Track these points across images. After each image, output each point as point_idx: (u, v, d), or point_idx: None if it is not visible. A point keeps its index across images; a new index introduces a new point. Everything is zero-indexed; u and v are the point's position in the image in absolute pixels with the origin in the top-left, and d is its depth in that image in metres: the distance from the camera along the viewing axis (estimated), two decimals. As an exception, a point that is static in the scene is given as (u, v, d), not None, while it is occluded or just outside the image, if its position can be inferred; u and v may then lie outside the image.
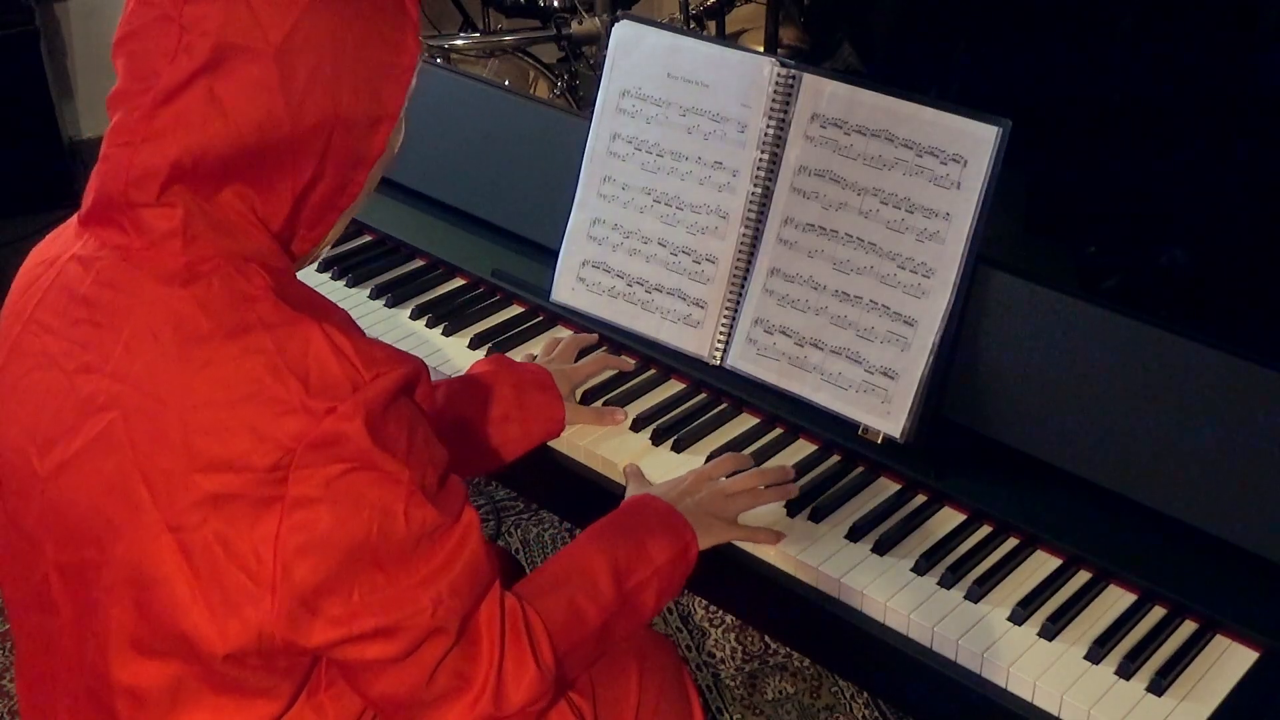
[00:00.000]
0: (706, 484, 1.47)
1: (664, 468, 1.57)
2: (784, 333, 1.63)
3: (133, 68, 1.08)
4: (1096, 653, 1.32)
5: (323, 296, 1.17)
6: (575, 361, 1.71)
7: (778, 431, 1.64)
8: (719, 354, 1.69)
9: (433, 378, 1.62)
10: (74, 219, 1.17)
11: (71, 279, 1.12)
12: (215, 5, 1.05)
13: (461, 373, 1.64)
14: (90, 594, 1.13)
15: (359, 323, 1.80)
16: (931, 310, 1.53)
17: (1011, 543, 1.47)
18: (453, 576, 1.11)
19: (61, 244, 1.17)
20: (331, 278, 1.95)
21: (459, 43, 3.50)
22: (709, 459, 1.58)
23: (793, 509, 1.50)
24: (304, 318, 1.08)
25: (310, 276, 1.96)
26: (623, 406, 1.67)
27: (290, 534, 1.05)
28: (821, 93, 1.60)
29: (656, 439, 1.62)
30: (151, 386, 1.06)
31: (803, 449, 1.61)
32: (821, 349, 1.61)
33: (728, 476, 1.50)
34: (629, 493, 1.51)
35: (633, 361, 1.74)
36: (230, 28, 1.04)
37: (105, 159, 1.10)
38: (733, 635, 2.44)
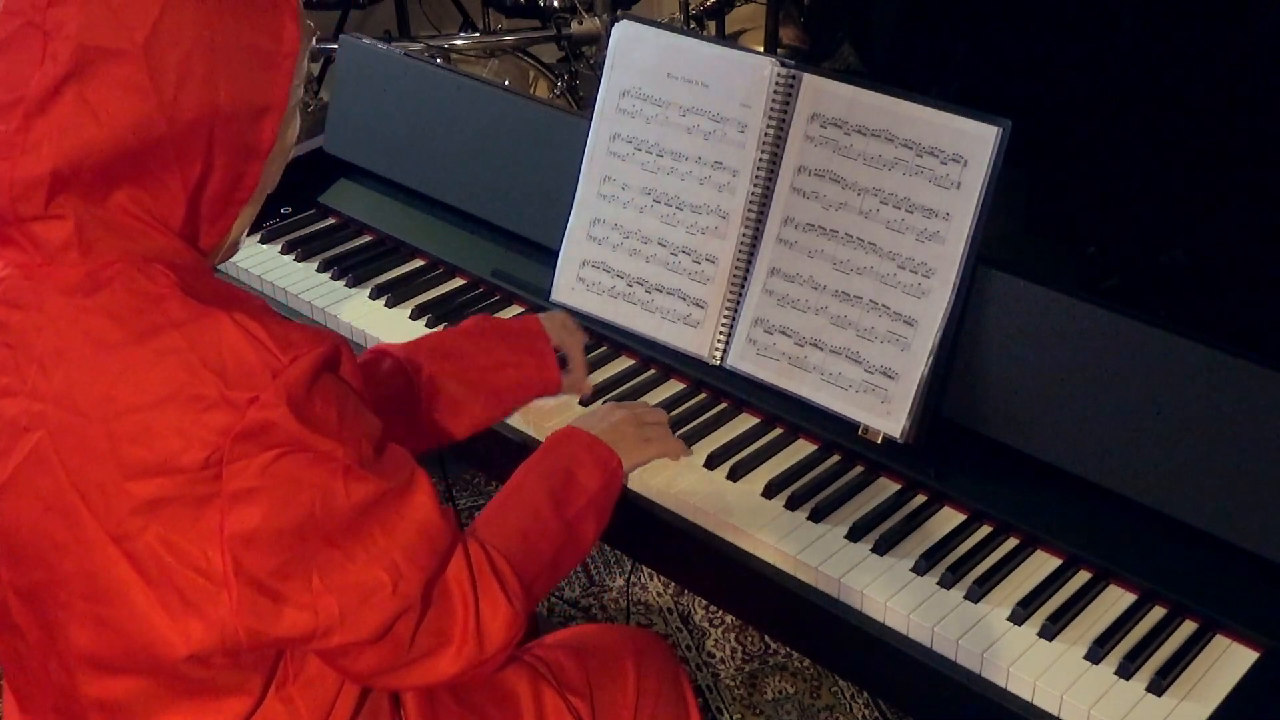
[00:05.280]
0: (619, 410, 1.51)
1: (664, 468, 1.57)
2: (784, 333, 1.63)
3: (3, 78, 1.06)
4: (1096, 653, 1.32)
5: (236, 288, 1.15)
6: None
7: (778, 431, 1.64)
8: (719, 354, 1.69)
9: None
10: None
11: None
12: (76, 7, 1.03)
13: None
14: (49, 614, 1.13)
15: (359, 323, 1.84)
16: (931, 310, 1.53)
17: (1011, 543, 1.47)
18: (408, 543, 1.12)
19: None
20: (332, 278, 1.95)
21: (459, 43, 3.50)
22: (709, 459, 1.58)
23: (792, 506, 1.51)
24: (212, 310, 1.06)
25: (310, 277, 1.96)
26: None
27: (234, 527, 1.05)
28: (821, 93, 1.60)
29: (656, 439, 1.62)
30: (71, 402, 1.05)
31: (803, 449, 1.61)
32: (821, 349, 1.61)
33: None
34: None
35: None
36: (93, 30, 1.03)
37: None
38: (733, 635, 2.44)
